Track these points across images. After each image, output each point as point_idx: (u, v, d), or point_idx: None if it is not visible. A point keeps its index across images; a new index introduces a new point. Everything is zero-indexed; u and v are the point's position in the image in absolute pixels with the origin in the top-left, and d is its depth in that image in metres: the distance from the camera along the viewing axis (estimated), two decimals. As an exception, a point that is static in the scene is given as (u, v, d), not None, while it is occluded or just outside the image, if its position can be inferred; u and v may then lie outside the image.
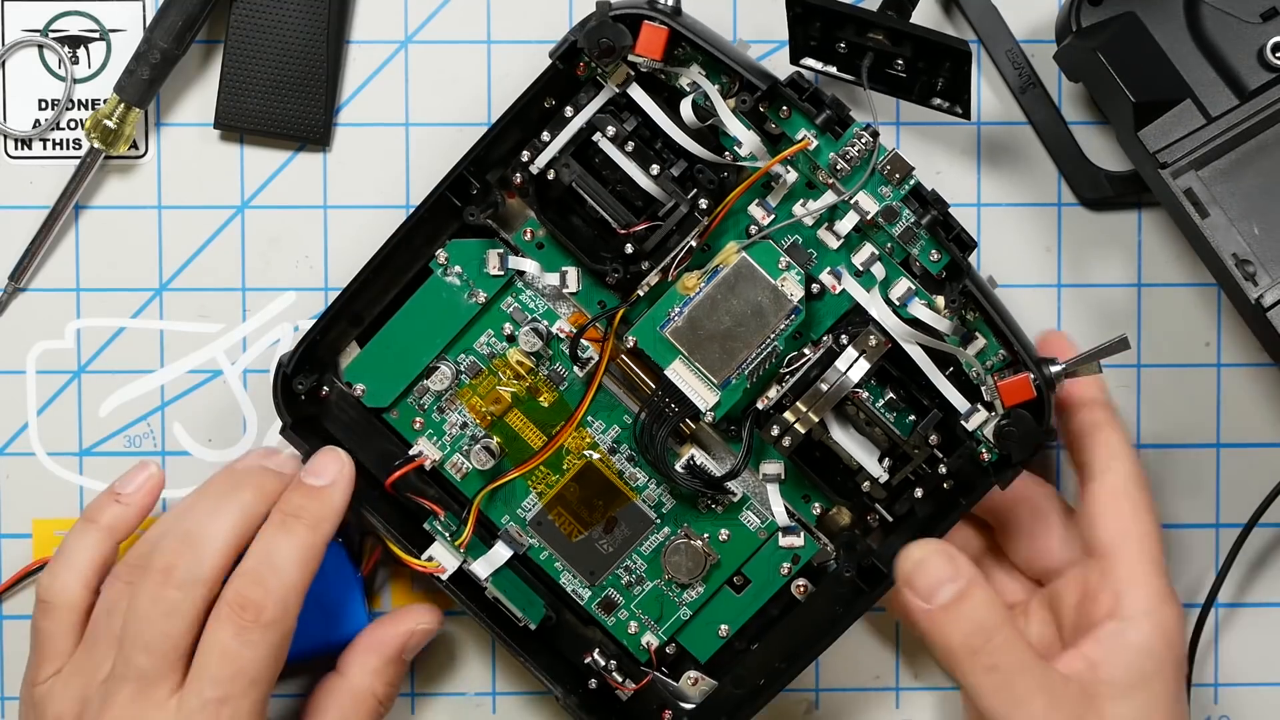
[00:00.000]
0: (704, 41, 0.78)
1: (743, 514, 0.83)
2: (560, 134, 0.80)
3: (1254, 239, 0.81)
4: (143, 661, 0.77)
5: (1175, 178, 0.81)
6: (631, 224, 0.80)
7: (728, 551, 0.84)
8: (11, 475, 0.87)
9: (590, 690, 0.84)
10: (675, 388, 0.81)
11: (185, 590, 0.77)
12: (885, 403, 0.81)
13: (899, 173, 0.79)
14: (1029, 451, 0.79)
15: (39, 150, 0.86)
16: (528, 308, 0.83)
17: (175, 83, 0.86)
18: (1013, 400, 0.79)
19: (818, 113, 0.79)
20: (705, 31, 0.79)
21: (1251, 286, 0.80)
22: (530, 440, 0.84)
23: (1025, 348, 0.79)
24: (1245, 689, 0.88)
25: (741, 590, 0.84)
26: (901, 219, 0.79)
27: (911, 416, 0.81)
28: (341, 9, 0.85)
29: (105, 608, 0.79)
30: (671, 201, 0.80)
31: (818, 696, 0.88)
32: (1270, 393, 0.87)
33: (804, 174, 0.80)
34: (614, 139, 0.80)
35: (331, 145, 0.86)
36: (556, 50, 0.79)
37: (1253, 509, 0.85)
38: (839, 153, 0.79)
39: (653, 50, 0.78)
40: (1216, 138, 0.80)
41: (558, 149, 0.80)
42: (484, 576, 0.83)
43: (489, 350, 0.83)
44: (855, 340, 0.79)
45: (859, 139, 0.79)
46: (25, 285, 0.86)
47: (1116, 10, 0.81)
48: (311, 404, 0.84)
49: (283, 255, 0.87)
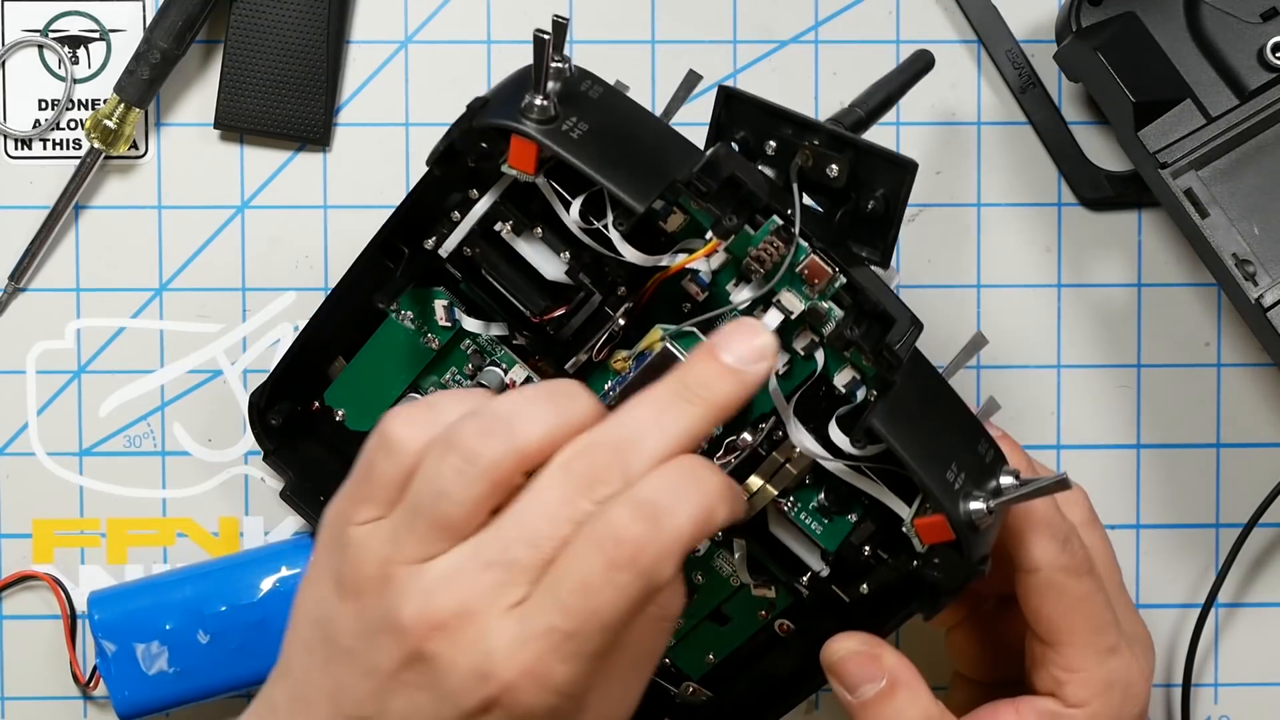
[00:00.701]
0: (572, 159, 0.70)
1: (714, 562, 0.81)
2: (461, 225, 0.75)
3: (1254, 239, 0.81)
4: (520, 554, 0.65)
5: (1175, 178, 0.81)
6: (547, 310, 0.75)
7: (705, 591, 0.81)
8: (11, 475, 0.87)
9: None
10: None
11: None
12: (817, 507, 0.76)
13: (818, 278, 0.72)
14: (956, 586, 0.73)
15: (39, 150, 0.86)
16: (485, 350, 0.80)
17: (175, 83, 0.86)
18: (932, 539, 0.71)
19: (721, 216, 0.72)
20: (577, 151, 0.71)
21: (1251, 286, 0.80)
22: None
23: (943, 490, 0.70)
24: (1245, 689, 0.88)
25: (725, 624, 0.82)
26: (830, 318, 0.73)
27: (854, 515, 0.76)
28: (341, 9, 0.85)
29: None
30: (580, 294, 0.75)
31: (818, 696, 0.88)
32: (1270, 393, 0.87)
33: (734, 254, 0.74)
34: (515, 230, 0.74)
35: (331, 145, 0.86)
36: (433, 156, 0.73)
37: (1253, 509, 0.85)
38: (754, 251, 0.72)
39: (524, 164, 0.71)
40: (1216, 138, 0.80)
41: (461, 236, 0.75)
42: None
43: (457, 386, 0.81)
44: (779, 447, 0.75)
45: (769, 244, 0.72)
46: (25, 285, 0.86)
47: (1116, 10, 0.81)
48: (303, 419, 0.83)
49: (283, 255, 0.87)
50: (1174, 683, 0.88)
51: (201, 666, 0.84)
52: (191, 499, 0.87)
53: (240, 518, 0.87)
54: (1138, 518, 0.88)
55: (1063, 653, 0.76)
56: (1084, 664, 0.76)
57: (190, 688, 0.84)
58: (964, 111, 0.87)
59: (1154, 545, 0.87)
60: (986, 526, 0.71)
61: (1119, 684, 0.76)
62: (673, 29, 0.86)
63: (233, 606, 0.84)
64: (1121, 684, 0.76)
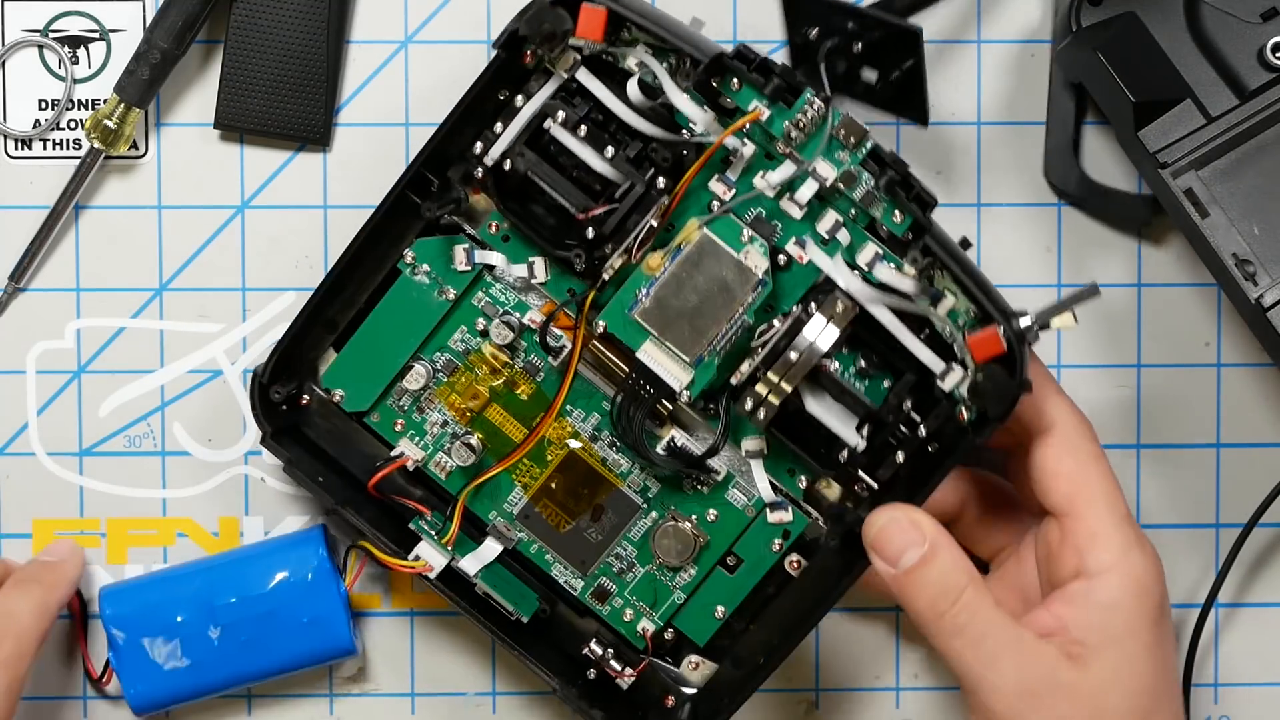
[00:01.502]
0: (644, 19, 0.78)
1: (729, 492, 0.83)
2: (513, 124, 0.80)
3: (1254, 239, 0.81)
4: None
5: (1175, 178, 0.81)
6: (589, 207, 0.80)
7: (717, 531, 0.83)
8: (11, 475, 0.87)
9: (590, 681, 0.84)
10: (648, 369, 0.80)
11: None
12: (857, 370, 0.80)
13: (854, 136, 0.78)
14: (1006, 406, 0.77)
15: (39, 150, 0.86)
16: (498, 301, 0.83)
17: (175, 83, 0.86)
18: (983, 355, 0.77)
19: (766, 82, 0.78)
20: (646, 9, 0.79)
21: (1251, 286, 0.80)
22: (511, 434, 0.84)
23: (994, 301, 0.78)
24: (1245, 689, 0.88)
25: (735, 570, 0.84)
26: (861, 183, 0.79)
27: (887, 382, 0.80)
28: (341, 9, 0.85)
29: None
30: (627, 182, 0.80)
31: (818, 696, 0.88)
32: (1270, 393, 0.87)
33: (761, 145, 0.80)
34: (565, 124, 0.79)
35: (331, 145, 0.86)
36: (499, 39, 0.79)
37: (1253, 509, 0.85)
38: (792, 121, 0.78)
39: (593, 32, 0.78)
40: (1216, 138, 0.80)
41: (511, 139, 0.80)
42: (473, 573, 0.83)
43: (464, 346, 0.83)
44: (822, 307, 0.79)
45: (810, 106, 0.78)
46: (25, 285, 0.86)
47: (1116, 10, 0.81)
48: (292, 412, 0.84)
49: (283, 255, 0.87)
50: (1174, 683, 0.88)
51: (212, 659, 0.84)
52: (191, 499, 0.87)
53: (240, 518, 0.87)
54: (1138, 517, 0.87)
55: (1081, 519, 0.78)
56: (1101, 526, 0.78)
57: (202, 681, 0.85)
58: (964, 111, 0.87)
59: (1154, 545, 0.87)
60: (1031, 340, 0.77)
61: (1136, 550, 0.78)
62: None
63: (243, 598, 0.84)
64: (1138, 552, 0.78)
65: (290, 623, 0.84)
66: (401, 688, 0.88)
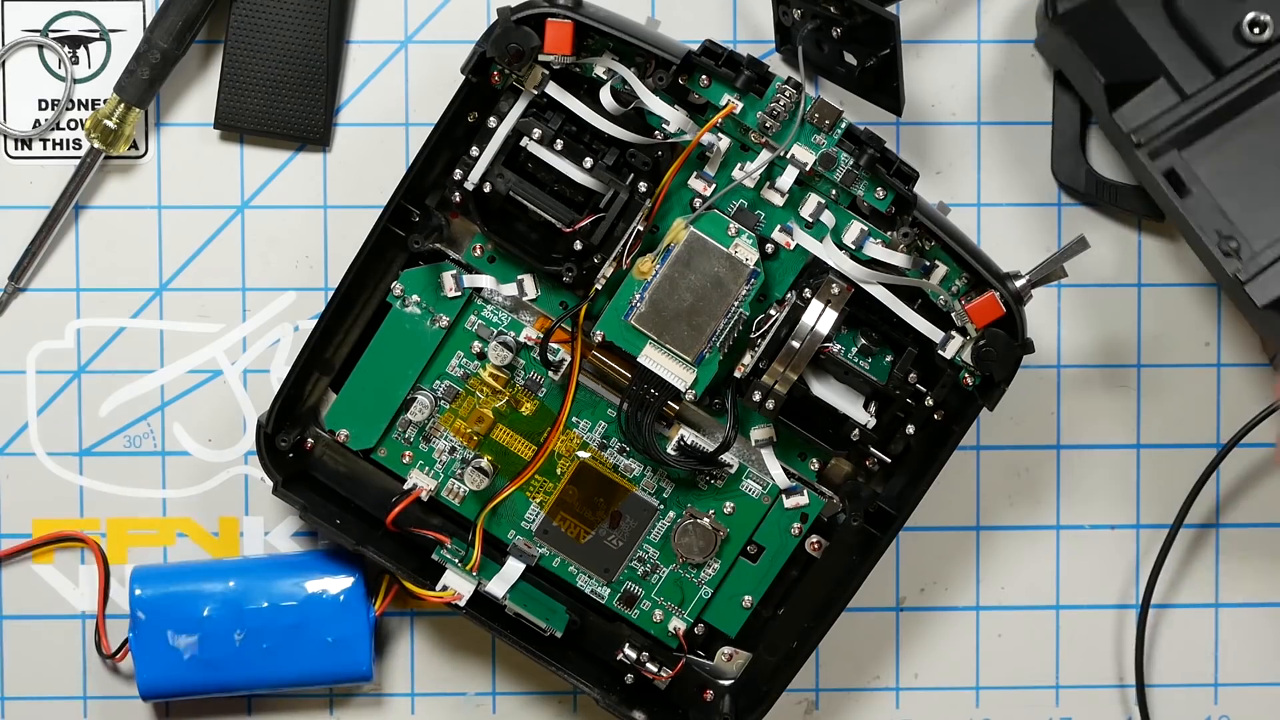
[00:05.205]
0: (610, 27, 0.78)
1: (743, 483, 0.83)
2: (489, 146, 0.80)
3: (1237, 215, 0.80)
4: None
5: (1155, 158, 0.80)
6: (575, 220, 0.80)
7: (736, 523, 0.84)
8: (11, 475, 0.87)
9: (628, 686, 0.84)
10: (651, 373, 0.81)
11: None
12: (859, 349, 0.81)
13: (828, 119, 0.79)
14: (1011, 368, 0.79)
15: (39, 150, 0.86)
16: (491, 322, 0.83)
17: (175, 83, 0.86)
18: (984, 320, 0.79)
19: (736, 75, 0.79)
20: (610, 17, 0.80)
21: (1234, 262, 0.80)
22: (520, 452, 0.84)
23: (986, 266, 0.79)
24: (1245, 689, 0.88)
25: (757, 559, 0.84)
26: (840, 164, 0.80)
27: (889, 357, 0.81)
28: (341, 9, 0.85)
29: None
30: (610, 190, 0.80)
31: (818, 696, 0.88)
32: (1270, 393, 0.87)
33: (736, 138, 0.80)
34: (542, 141, 0.80)
35: (331, 145, 0.86)
36: (467, 64, 0.79)
37: (1253, 509, 0.85)
38: (765, 110, 0.79)
39: (561, 46, 0.79)
40: (1192, 115, 0.80)
41: (488, 161, 0.80)
42: (500, 595, 0.83)
43: (462, 371, 0.83)
44: (818, 292, 0.80)
45: (782, 94, 0.79)
46: (25, 285, 0.86)
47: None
48: (299, 459, 0.84)
49: (283, 255, 0.87)
50: (1174, 683, 0.88)
51: (230, 659, 0.84)
52: (191, 499, 0.87)
53: (240, 518, 0.87)
54: (1138, 518, 0.88)
55: None
56: None
57: (215, 678, 0.85)
58: (964, 111, 0.87)
59: (1154, 545, 0.87)
60: (1027, 300, 0.78)
61: None
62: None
63: (274, 605, 0.84)
64: None
65: (314, 639, 0.84)
66: (402, 688, 0.88)
